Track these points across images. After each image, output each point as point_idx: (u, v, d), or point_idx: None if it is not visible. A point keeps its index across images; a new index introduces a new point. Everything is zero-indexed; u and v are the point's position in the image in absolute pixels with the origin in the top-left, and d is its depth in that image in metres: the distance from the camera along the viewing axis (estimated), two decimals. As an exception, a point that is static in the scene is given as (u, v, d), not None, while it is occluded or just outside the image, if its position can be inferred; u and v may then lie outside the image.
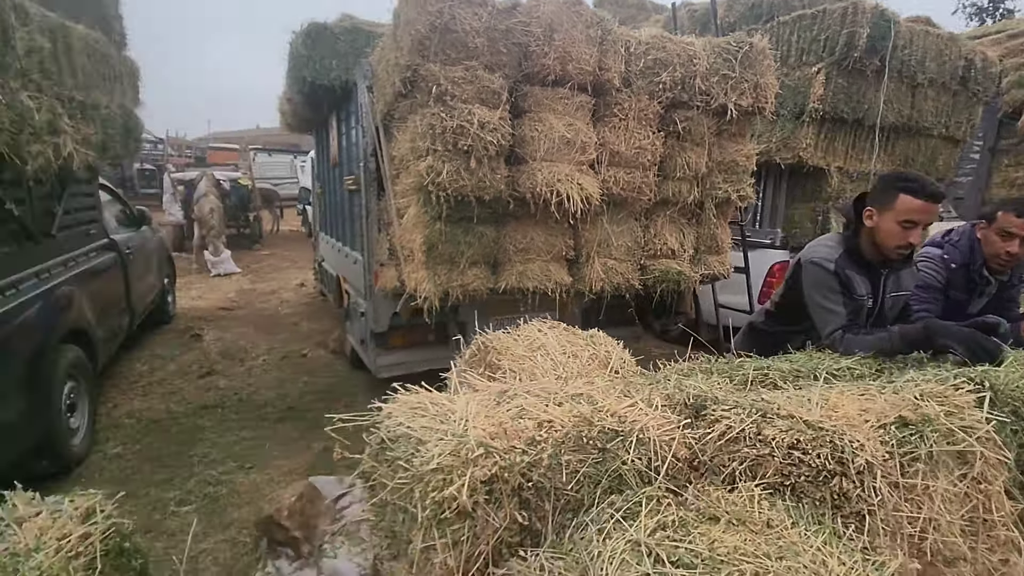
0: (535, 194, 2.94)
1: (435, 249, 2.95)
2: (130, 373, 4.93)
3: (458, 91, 2.73)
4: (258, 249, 11.64)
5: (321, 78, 4.13)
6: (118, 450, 3.67)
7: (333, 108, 4.92)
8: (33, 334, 2.90)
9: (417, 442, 0.95)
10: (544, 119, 3.03)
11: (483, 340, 1.80)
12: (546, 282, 3.23)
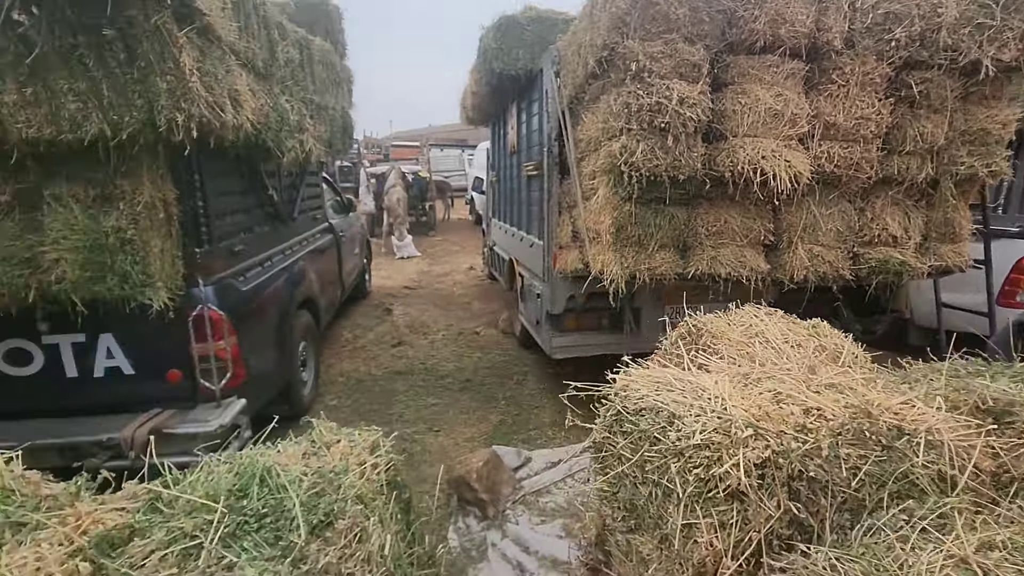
0: (735, 173, 2.73)
1: (624, 231, 2.91)
2: (339, 338, 5.73)
3: (656, 67, 2.63)
4: (433, 235, 12.71)
5: (509, 68, 4.31)
6: (335, 402, 4.30)
7: (515, 98, 5.12)
8: (283, 300, 3.51)
9: (670, 416, 0.93)
10: (749, 90, 2.80)
11: (695, 323, 1.72)
12: (740, 268, 2.99)
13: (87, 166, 2.20)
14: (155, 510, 0.91)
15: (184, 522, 0.80)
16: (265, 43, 2.92)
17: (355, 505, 0.93)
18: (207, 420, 2.59)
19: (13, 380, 2.47)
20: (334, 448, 1.15)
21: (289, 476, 0.93)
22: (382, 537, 0.91)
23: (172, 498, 0.93)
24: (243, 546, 0.80)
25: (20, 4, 1.72)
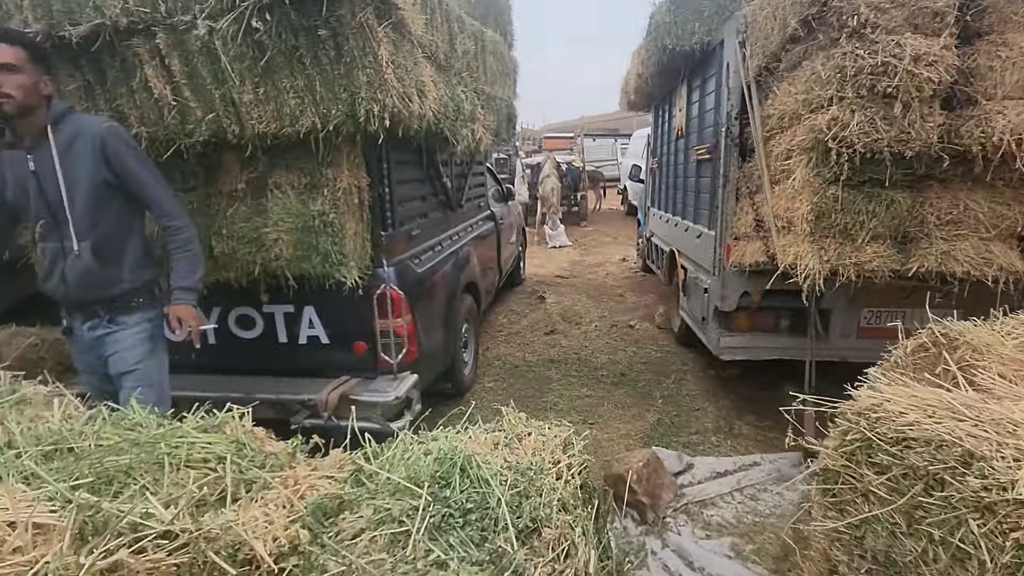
0: (988, 146, 2.18)
1: (825, 219, 2.50)
2: (495, 323, 5.93)
3: (882, 19, 2.19)
4: (584, 225, 12.61)
5: (683, 43, 3.99)
6: (491, 385, 4.44)
7: (685, 76, 4.76)
8: (450, 283, 3.68)
9: (965, 454, 0.71)
10: (1012, 42, 2.20)
11: (944, 332, 1.37)
12: (984, 267, 2.41)
13: (300, 157, 2.47)
14: (359, 483, 0.93)
15: (390, 503, 0.79)
16: (446, 35, 3.03)
17: (561, 513, 0.86)
18: (386, 391, 2.80)
19: (240, 341, 2.91)
20: (526, 441, 1.10)
21: (491, 470, 0.90)
22: (586, 552, 0.83)
23: (373, 472, 0.95)
24: (449, 542, 0.77)
25: (257, 13, 1.96)
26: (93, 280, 1.94)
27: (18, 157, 1.89)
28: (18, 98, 1.78)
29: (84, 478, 0.79)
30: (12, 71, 1.76)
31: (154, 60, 2.16)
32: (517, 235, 6.96)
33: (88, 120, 1.97)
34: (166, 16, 2.08)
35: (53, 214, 1.89)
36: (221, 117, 2.23)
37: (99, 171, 1.89)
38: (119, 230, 1.99)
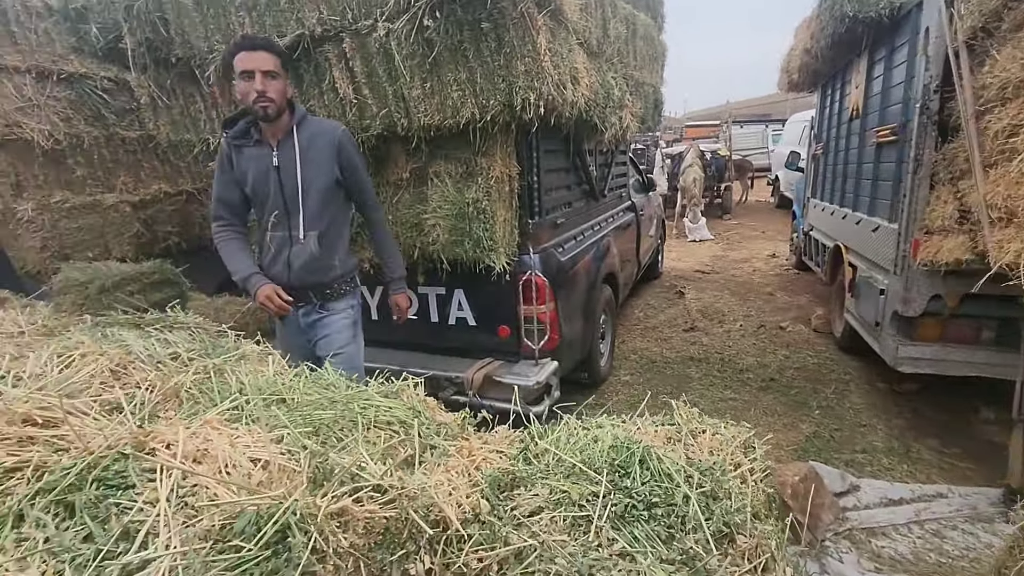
0: None
1: (1064, 208, 2.04)
2: (631, 316, 5.78)
3: None
4: (728, 218, 11.77)
5: (867, 8, 3.51)
6: (628, 378, 4.35)
7: (865, 47, 4.18)
8: (591, 273, 3.66)
9: None
10: None
11: None
12: None
13: (458, 147, 2.61)
14: (526, 460, 0.96)
15: (565, 485, 0.80)
16: (599, 21, 2.99)
17: (757, 522, 0.81)
18: (527, 375, 2.87)
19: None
20: (701, 439, 1.05)
21: (674, 464, 0.87)
22: (783, 570, 0.76)
23: (541, 452, 0.97)
24: (634, 534, 0.75)
25: (429, 11, 2.10)
26: (314, 267, 2.14)
27: (263, 154, 2.09)
28: (277, 102, 1.99)
29: (301, 427, 0.91)
30: (274, 77, 1.98)
31: (340, 63, 2.42)
32: (657, 227, 6.71)
33: (324, 123, 2.19)
34: (352, 22, 2.32)
35: (286, 206, 2.09)
36: (393, 112, 2.44)
37: (332, 169, 2.09)
38: (338, 223, 2.20)
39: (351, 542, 0.53)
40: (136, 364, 1.16)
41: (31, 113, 3.10)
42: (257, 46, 1.97)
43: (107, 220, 3.47)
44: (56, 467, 0.61)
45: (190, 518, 0.53)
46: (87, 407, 0.74)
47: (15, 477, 0.61)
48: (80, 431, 0.69)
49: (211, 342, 1.40)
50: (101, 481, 0.57)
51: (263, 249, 2.21)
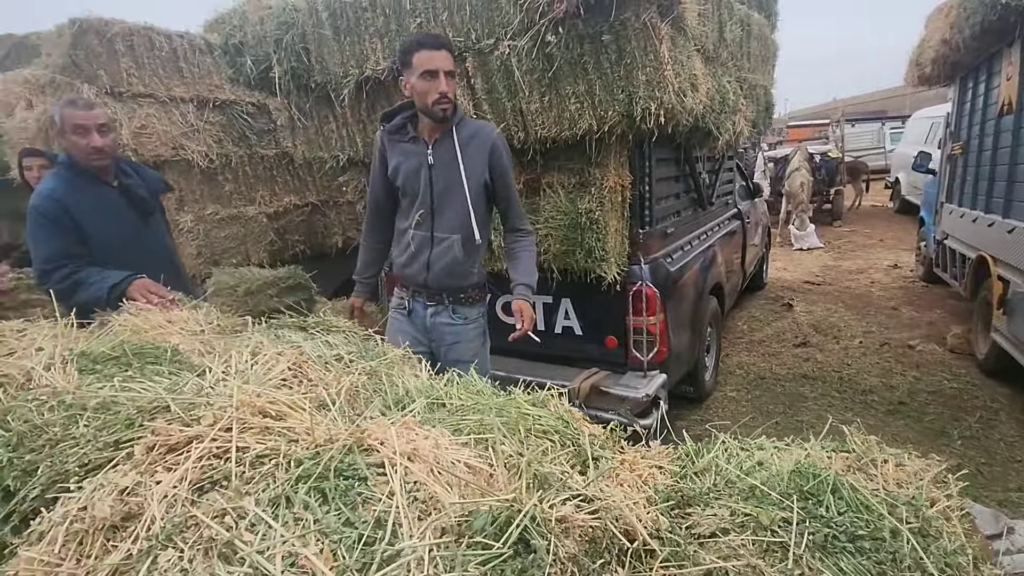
0: None
1: None
2: (734, 329, 5.51)
3: None
4: (839, 225, 10.88)
5: (1026, -7, 3.13)
6: (734, 394, 4.15)
7: (1018, 37, 3.72)
8: (698, 284, 3.54)
9: None
10: None
11: None
12: None
13: (571, 158, 2.65)
14: (685, 477, 0.95)
15: (750, 508, 0.78)
16: (715, 24, 2.91)
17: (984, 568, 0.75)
18: (636, 387, 2.83)
19: (504, 326, 3.24)
20: (883, 469, 0.99)
21: (872, 495, 0.83)
22: None
23: (700, 470, 0.95)
24: (840, 567, 0.72)
25: (552, 27, 2.15)
26: (454, 270, 2.06)
27: (418, 151, 2.01)
28: (454, 103, 1.96)
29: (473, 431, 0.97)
30: (453, 78, 1.93)
31: (462, 81, 2.54)
32: (762, 235, 6.36)
33: (481, 124, 2.15)
34: (475, 42, 2.43)
35: (433, 206, 2.02)
36: (510, 125, 2.52)
37: (484, 171, 2.01)
38: (482, 229, 2.09)
39: (572, 550, 0.56)
40: (310, 364, 1.29)
41: (192, 137, 3.55)
42: (441, 44, 1.90)
43: (248, 230, 3.88)
44: (293, 457, 0.70)
45: (423, 513, 0.59)
46: (302, 403, 0.84)
47: (265, 463, 0.71)
48: (307, 425, 0.79)
49: (362, 345, 1.52)
50: (339, 472, 0.65)
51: (402, 247, 2.14)
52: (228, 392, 0.92)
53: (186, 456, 0.70)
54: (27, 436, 0.91)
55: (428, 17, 2.48)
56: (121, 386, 1.09)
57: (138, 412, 0.92)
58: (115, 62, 3.34)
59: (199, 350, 1.46)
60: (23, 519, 0.70)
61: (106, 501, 0.62)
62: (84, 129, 2.02)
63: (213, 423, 0.73)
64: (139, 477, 0.66)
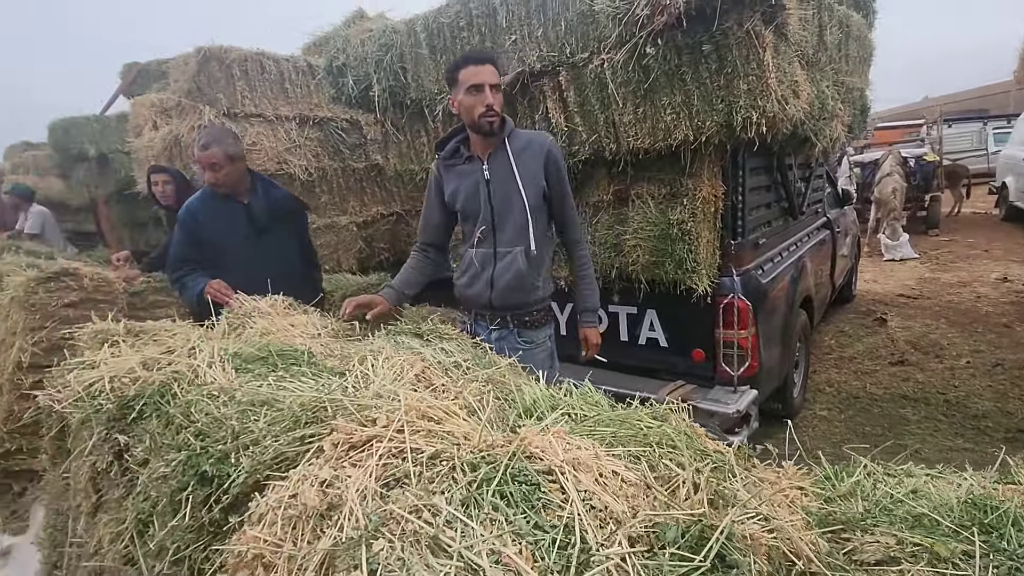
0: None
1: None
2: (821, 344, 5.23)
3: None
4: (935, 234, 10.06)
5: None
6: (824, 413, 3.93)
7: None
8: (789, 297, 3.40)
9: None
10: None
11: None
12: None
13: (662, 168, 2.63)
14: (831, 500, 0.92)
15: (919, 537, 0.75)
16: (815, 28, 2.80)
17: None
18: (725, 402, 2.75)
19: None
20: None
21: None
22: None
23: (844, 494, 0.92)
24: None
25: (651, 39, 2.16)
26: (518, 284, 2.02)
27: (473, 169, 2.02)
28: (500, 116, 1.94)
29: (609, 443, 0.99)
30: (499, 91, 1.93)
31: (555, 94, 2.59)
32: (852, 245, 6.00)
33: (534, 134, 2.13)
34: (569, 56, 2.47)
35: (494, 220, 2.00)
36: (602, 137, 2.54)
37: (540, 180, 1.98)
38: (544, 240, 2.06)
39: (764, 568, 0.57)
40: (432, 370, 1.36)
41: (294, 152, 3.82)
42: (485, 59, 1.93)
43: (340, 238, 4.12)
44: (464, 460, 0.75)
45: (602, 521, 0.62)
46: (457, 409, 0.90)
47: (438, 464, 0.76)
48: (466, 430, 0.84)
49: (472, 352, 1.58)
50: (515, 477, 0.69)
51: (465, 267, 2.13)
52: (391, 394, 0.99)
53: (368, 454, 0.76)
54: (210, 427, 1.03)
55: (523, 34, 2.55)
56: (277, 385, 1.20)
57: (301, 410, 1.02)
58: (232, 86, 3.66)
59: (325, 352, 1.58)
60: (232, 503, 0.79)
61: (311, 491, 0.69)
62: (203, 167, 2.45)
63: (388, 424, 0.79)
64: (333, 471, 0.73)
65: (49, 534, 1.64)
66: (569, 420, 1.14)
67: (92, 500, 1.35)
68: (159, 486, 1.03)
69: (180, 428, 1.05)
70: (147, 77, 5.32)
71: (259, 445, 0.89)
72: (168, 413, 1.15)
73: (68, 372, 1.52)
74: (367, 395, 1.07)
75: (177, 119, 3.87)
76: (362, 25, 3.23)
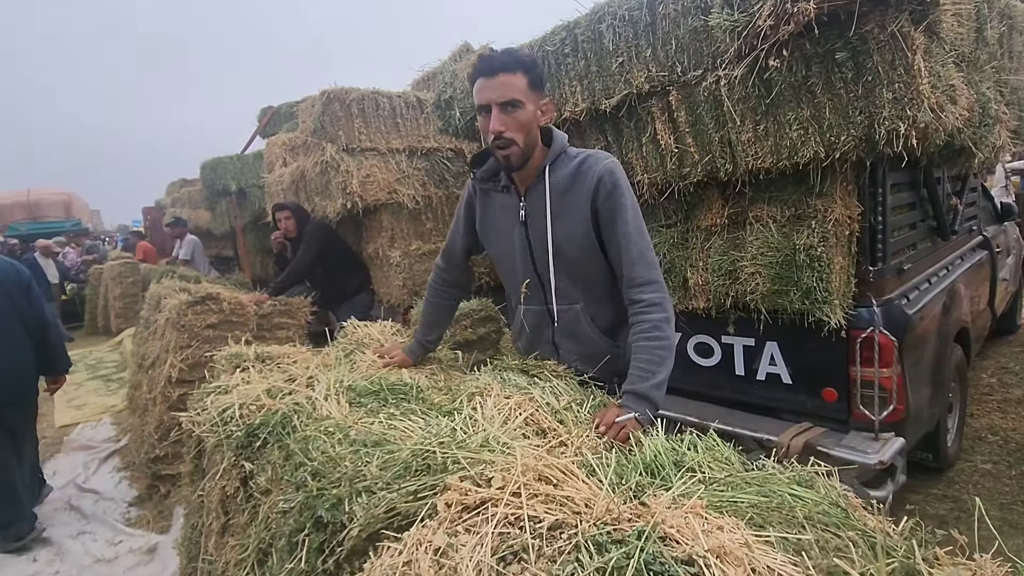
0: None
1: None
2: (978, 383, 4.49)
3: None
4: None
5: None
6: (987, 466, 3.33)
7: None
8: (940, 328, 2.94)
9: None
10: None
11: None
12: None
13: (783, 189, 2.40)
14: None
15: None
16: (973, 23, 2.44)
17: None
18: (864, 451, 2.41)
19: (698, 367, 3.04)
20: None
21: None
22: None
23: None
24: None
25: (775, 51, 1.98)
26: (587, 353, 1.60)
27: (510, 204, 1.59)
28: (521, 145, 1.44)
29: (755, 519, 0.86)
30: (515, 108, 1.41)
31: (663, 115, 2.48)
32: (1015, 267, 5.15)
33: (587, 156, 1.53)
34: (680, 75, 2.35)
35: (537, 271, 1.59)
36: (716, 158, 2.37)
37: (587, 218, 1.50)
38: (607, 292, 1.60)
39: None
40: (541, 414, 1.29)
41: (404, 182, 4.02)
42: (494, 69, 1.40)
43: (442, 264, 4.26)
44: (589, 536, 0.67)
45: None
46: (575, 469, 0.83)
47: (558, 537, 0.69)
48: (586, 495, 0.76)
49: (581, 393, 1.50)
50: (648, 566, 0.61)
51: (519, 330, 1.74)
52: (501, 443, 0.94)
53: (483, 518, 0.71)
54: (326, 467, 1.04)
55: (630, 55, 2.47)
56: (388, 423, 1.20)
57: (412, 456, 1.00)
58: (350, 123, 3.94)
59: (432, 385, 1.57)
60: (347, 554, 0.78)
61: (425, 560, 0.65)
62: None
63: (503, 486, 0.74)
64: (448, 537, 0.68)
65: (185, 546, 1.78)
66: (693, 479, 1.02)
67: (221, 521, 1.43)
68: (279, 521, 1.05)
69: (299, 465, 1.08)
70: (279, 119, 5.92)
71: (373, 494, 0.88)
72: (288, 446, 1.19)
73: (206, 396, 1.66)
74: (476, 440, 1.03)
75: (303, 156, 4.24)
76: (469, 59, 3.33)
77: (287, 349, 2.07)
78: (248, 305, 3.65)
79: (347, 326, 2.30)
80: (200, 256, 6.94)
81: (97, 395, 5.91)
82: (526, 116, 1.44)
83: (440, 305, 1.88)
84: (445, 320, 1.93)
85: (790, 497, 0.97)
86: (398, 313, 4.22)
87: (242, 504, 1.32)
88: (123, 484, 3.83)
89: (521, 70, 1.42)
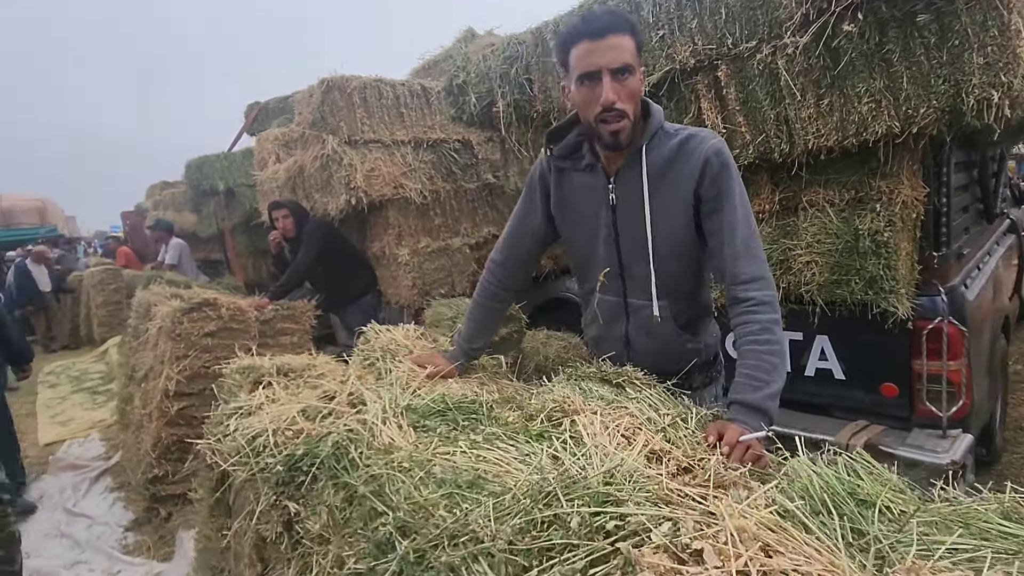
0: None
1: None
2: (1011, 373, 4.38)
3: None
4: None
5: None
6: (1036, 458, 3.21)
7: None
8: (991, 316, 2.79)
9: None
10: None
11: None
12: None
13: (842, 170, 2.22)
14: None
15: None
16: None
17: None
18: (934, 450, 2.24)
19: (739, 365, 2.85)
20: None
21: None
22: None
23: None
24: None
25: (849, 15, 1.80)
26: (663, 349, 1.45)
27: (596, 185, 1.41)
28: (632, 117, 1.28)
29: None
30: (629, 74, 1.25)
31: (710, 93, 2.28)
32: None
33: (691, 134, 1.34)
34: (731, 48, 2.15)
35: (621, 262, 1.43)
36: (771, 137, 2.18)
37: (689, 206, 1.33)
38: (703, 285, 1.48)
39: None
40: (643, 430, 1.08)
41: (410, 176, 3.78)
42: (605, 30, 1.22)
43: (453, 261, 4.01)
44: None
45: None
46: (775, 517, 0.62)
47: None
48: (824, 569, 0.55)
49: (676, 403, 1.29)
50: None
51: (591, 318, 1.59)
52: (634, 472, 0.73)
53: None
54: (415, 519, 0.81)
55: (672, 28, 2.26)
56: (474, 454, 0.98)
57: (526, 497, 0.78)
58: (352, 114, 3.68)
59: (498, 400, 1.35)
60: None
61: None
62: None
63: (722, 561, 0.53)
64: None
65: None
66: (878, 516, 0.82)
67: (258, 570, 1.20)
68: (351, 586, 0.83)
69: (374, 513, 0.85)
70: (267, 115, 5.62)
71: (492, 557, 0.66)
72: (350, 485, 0.96)
73: (227, 418, 1.42)
74: (600, 470, 0.82)
75: (301, 150, 3.97)
76: (480, 42, 3.10)
77: (308, 359, 1.82)
78: (248, 311, 3.39)
79: (367, 331, 2.07)
80: (188, 260, 6.60)
81: (83, 409, 5.57)
82: (636, 84, 1.28)
83: (491, 308, 1.65)
84: (494, 326, 1.70)
85: (998, 533, 0.77)
86: (407, 315, 3.98)
87: (287, 553, 1.10)
88: (117, 506, 3.54)
89: (629, 32, 1.25)
